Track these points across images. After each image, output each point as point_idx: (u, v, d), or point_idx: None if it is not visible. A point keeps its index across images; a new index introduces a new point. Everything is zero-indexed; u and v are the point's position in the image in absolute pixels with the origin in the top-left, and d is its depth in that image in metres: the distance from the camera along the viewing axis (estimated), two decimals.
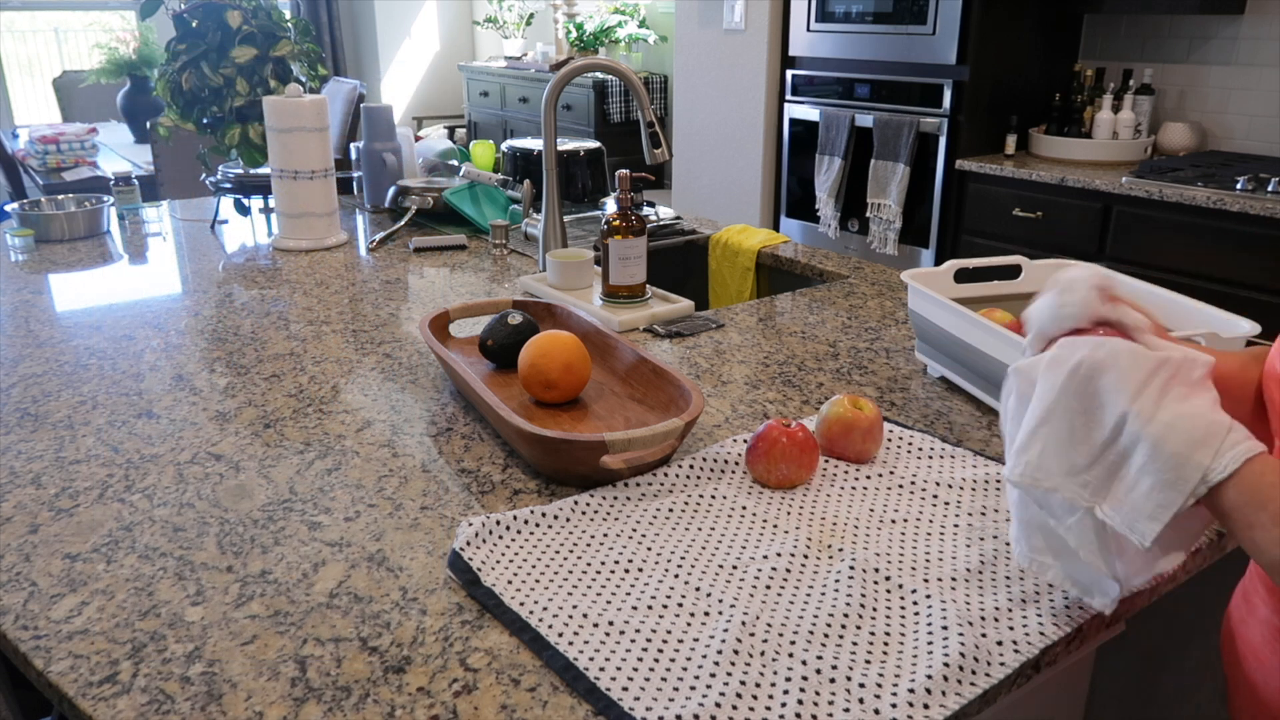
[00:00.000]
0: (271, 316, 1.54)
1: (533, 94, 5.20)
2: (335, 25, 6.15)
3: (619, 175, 1.51)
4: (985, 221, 3.06)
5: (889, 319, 1.52)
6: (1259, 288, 2.48)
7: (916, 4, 3.07)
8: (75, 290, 1.68)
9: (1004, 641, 0.75)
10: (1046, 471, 0.72)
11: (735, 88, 3.75)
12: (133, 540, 0.90)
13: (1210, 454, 0.65)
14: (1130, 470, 0.69)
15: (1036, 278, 1.31)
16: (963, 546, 0.87)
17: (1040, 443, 0.72)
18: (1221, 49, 2.99)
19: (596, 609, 0.79)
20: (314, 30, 4.69)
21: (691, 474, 0.99)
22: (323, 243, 1.96)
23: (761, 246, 1.95)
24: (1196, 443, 0.66)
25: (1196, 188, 2.54)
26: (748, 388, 1.25)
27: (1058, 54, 3.27)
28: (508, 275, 1.77)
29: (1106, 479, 0.70)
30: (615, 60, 1.82)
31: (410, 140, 2.32)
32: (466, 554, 0.85)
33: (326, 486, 1.00)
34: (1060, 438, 0.72)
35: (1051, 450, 0.72)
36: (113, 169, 3.36)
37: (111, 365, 1.33)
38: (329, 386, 1.26)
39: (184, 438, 1.11)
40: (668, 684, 0.70)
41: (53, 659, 0.74)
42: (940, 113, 3.09)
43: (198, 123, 2.12)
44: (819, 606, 0.79)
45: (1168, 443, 0.66)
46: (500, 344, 1.25)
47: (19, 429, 1.14)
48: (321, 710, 0.69)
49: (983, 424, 1.14)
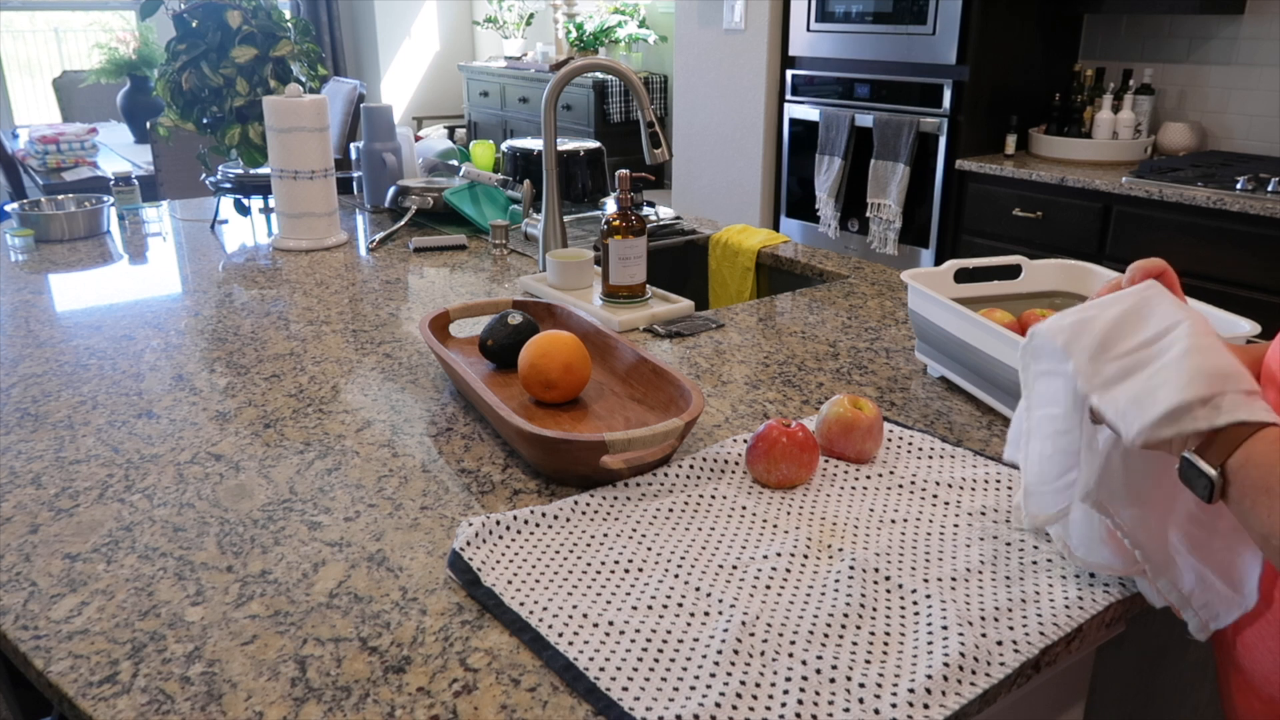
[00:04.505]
0: (271, 316, 1.54)
1: (533, 94, 5.20)
2: (335, 25, 6.15)
3: (619, 175, 1.51)
4: (985, 221, 3.06)
5: (889, 319, 1.52)
6: (1259, 288, 2.48)
7: (916, 4, 3.07)
8: (75, 290, 1.68)
9: (1004, 641, 0.75)
10: (1073, 339, 0.75)
11: (735, 88, 3.75)
12: (133, 540, 0.90)
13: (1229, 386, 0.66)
14: (1152, 366, 0.70)
15: (1036, 278, 1.31)
16: (963, 546, 0.87)
17: (1081, 315, 0.76)
18: (1221, 49, 2.99)
19: (596, 609, 0.79)
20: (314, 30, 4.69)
21: (691, 474, 0.99)
22: (323, 243, 1.96)
23: (761, 246, 1.95)
24: (1223, 374, 0.67)
25: (1196, 188, 2.54)
26: (748, 388, 1.25)
27: (1058, 54, 3.27)
28: (508, 275, 1.77)
29: (1121, 375, 0.72)
30: (615, 60, 1.82)
31: (410, 140, 2.32)
32: (466, 554, 0.85)
33: (326, 486, 1.00)
34: (1103, 322, 0.75)
35: (1089, 328, 0.75)
36: (113, 169, 3.36)
37: (111, 365, 1.33)
38: (329, 386, 1.26)
39: (184, 438, 1.11)
40: (668, 684, 0.70)
41: (53, 659, 0.74)
42: (940, 113, 3.09)
43: (198, 123, 2.12)
44: (819, 606, 0.79)
45: (1202, 355, 0.68)
46: (500, 344, 1.25)
47: (19, 429, 1.14)
48: (321, 710, 0.69)
49: (983, 424, 1.14)
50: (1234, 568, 0.75)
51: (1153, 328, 0.73)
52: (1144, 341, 0.72)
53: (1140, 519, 0.75)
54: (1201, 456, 0.67)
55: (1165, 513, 0.76)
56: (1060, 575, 0.83)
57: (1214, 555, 0.75)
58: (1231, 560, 0.75)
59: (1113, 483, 0.75)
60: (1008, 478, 0.99)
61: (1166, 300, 0.75)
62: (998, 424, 1.14)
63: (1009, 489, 0.97)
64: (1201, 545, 0.75)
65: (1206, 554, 0.76)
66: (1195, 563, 0.76)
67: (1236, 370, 0.67)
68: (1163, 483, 0.75)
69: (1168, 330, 0.71)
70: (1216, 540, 0.75)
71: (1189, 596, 0.76)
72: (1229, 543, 0.75)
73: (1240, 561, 0.75)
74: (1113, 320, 0.74)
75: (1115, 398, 0.71)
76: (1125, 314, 0.74)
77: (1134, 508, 0.75)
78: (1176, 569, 0.76)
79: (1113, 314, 0.75)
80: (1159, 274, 0.80)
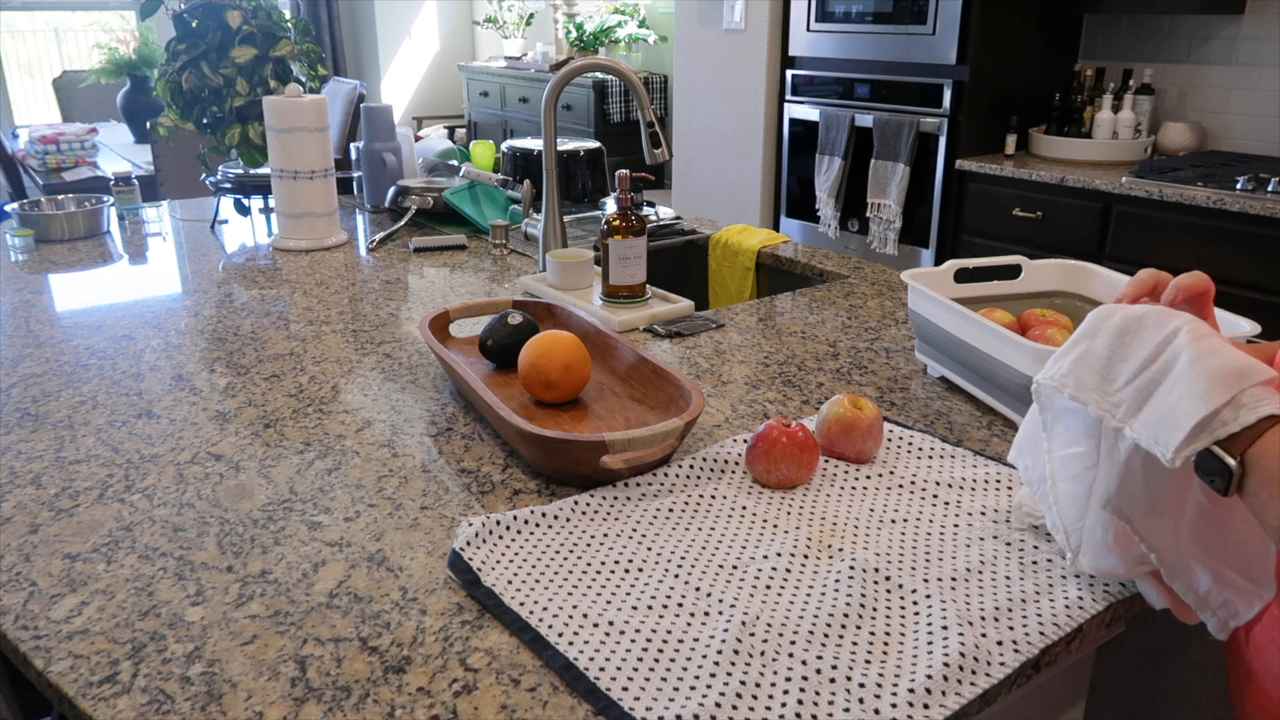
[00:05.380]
0: (271, 316, 1.54)
1: (533, 94, 5.20)
2: (335, 25, 6.15)
3: (619, 175, 1.51)
4: (985, 221, 3.06)
5: (889, 319, 1.52)
6: (1259, 288, 2.48)
7: (916, 4, 3.07)
8: (75, 290, 1.68)
9: (1004, 641, 0.75)
10: (1079, 383, 0.75)
11: (735, 88, 3.75)
12: (133, 540, 0.90)
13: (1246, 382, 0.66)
14: (1166, 383, 0.69)
15: (1036, 278, 1.31)
16: (963, 546, 0.87)
17: (1076, 353, 0.75)
18: (1221, 49, 2.99)
19: (596, 609, 0.79)
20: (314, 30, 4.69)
21: (691, 474, 0.99)
22: (323, 243, 1.96)
23: (761, 246, 1.95)
24: (1237, 372, 0.66)
25: (1196, 188, 2.54)
26: (748, 388, 1.25)
27: (1058, 54, 3.27)
28: (508, 275, 1.77)
29: (1140, 398, 0.71)
30: (615, 60, 1.82)
31: (410, 140, 2.32)
32: (466, 554, 0.85)
33: (326, 486, 1.00)
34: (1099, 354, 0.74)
35: (1087, 364, 0.74)
36: (113, 169, 3.36)
37: (111, 365, 1.33)
38: (329, 386, 1.26)
39: (184, 438, 1.11)
40: (668, 684, 0.70)
41: (53, 659, 0.74)
42: (940, 113, 3.09)
43: (198, 123, 2.12)
44: (819, 606, 0.79)
45: (1210, 357, 0.67)
46: (500, 344, 1.25)
47: (19, 429, 1.14)
48: (321, 710, 0.69)
49: (983, 424, 1.14)
50: (1252, 562, 0.76)
51: (1150, 341, 0.72)
52: (1147, 358, 0.72)
53: (1157, 523, 0.75)
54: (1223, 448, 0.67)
55: (1180, 515, 0.76)
56: (1060, 575, 0.83)
57: (1230, 551, 0.76)
58: (1249, 555, 0.76)
59: (1133, 488, 0.75)
60: (1008, 478, 0.99)
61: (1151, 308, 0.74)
62: (998, 424, 1.14)
63: (1009, 489, 0.97)
64: (1216, 543, 0.76)
65: (1222, 552, 0.76)
66: (1212, 562, 0.76)
67: (1247, 364, 0.67)
68: (1179, 486, 0.75)
69: (1167, 341, 0.71)
70: (1231, 536, 0.75)
71: (1206, 597, 0.77)
72: (1243, 537, 0.75)
73: (1257, 555, 0.75)
74: (1107, 348, 0.74)
75: (1145, 423, 0.70)
76: (1116, 337, 0.74)
77: (1152, 512, 0.75)
78: (1191, 571, 0.76)
79: (1104, 342, 0.75)
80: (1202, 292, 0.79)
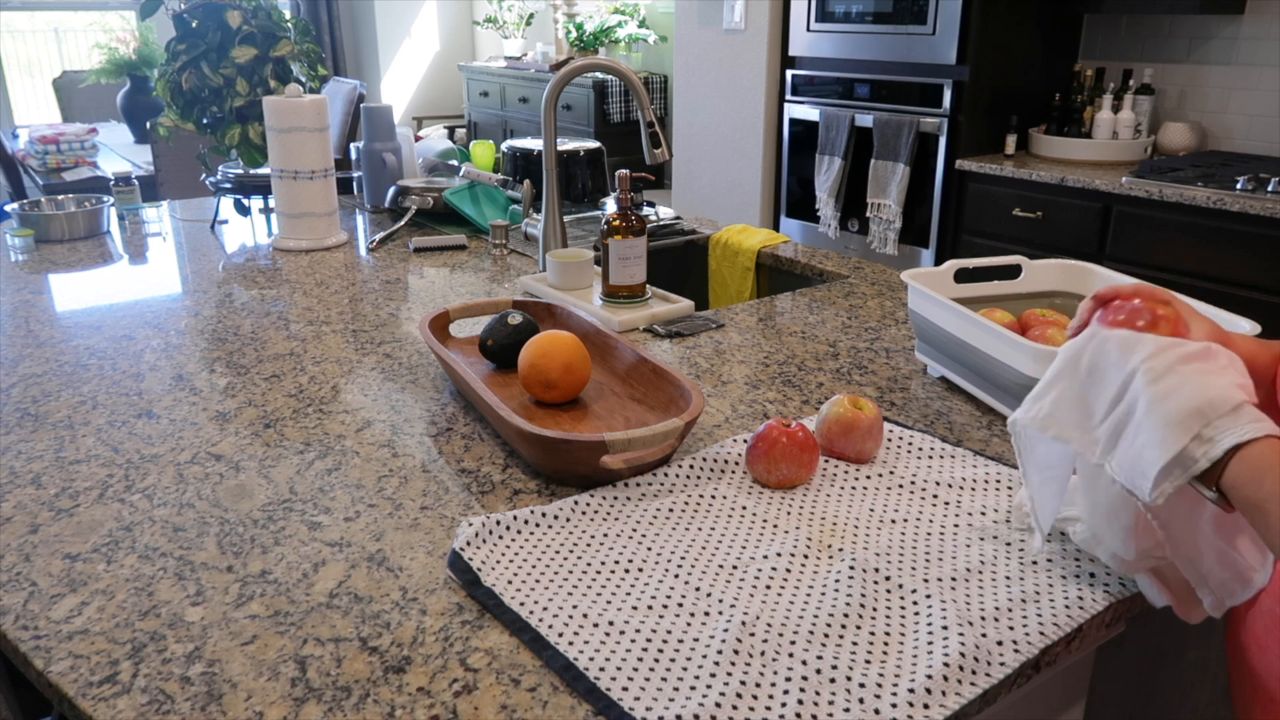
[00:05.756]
0: (271, 316, 1.54)
1: (533, 94, 5.20)
2: (335, 25, 6.15)
3: (619, 175, 1.51)
4: (985, 221, 3.06)
5: (889, 319, 1.53)
6: (1259, 288, 2.47)
7: (916, 4, 3.07)
8: (75, 290, 1.68)
9: (1004, 641, 0.75)
10: (1060, 423, 0.76)
11: (735, 88, 3.75)
12: (133, 540, 0.90)
13: (1201, 424, 0.66)
14: (1130, 427, 0.71)
15: (1036, 278, 1.31)
16: (963, 546, 0.87)
17: (1054, 393, 0.76)
18: (1221, 49, 2.99)
19: (596, 609, 0.79)
20: (314, 30, 4.69)
21: (691, 474, 0.99)
22: (323, 243, 1.96)
23: (761, 246, 1.95)
24: (1193, 411, 0.66)
25: (1196, 188, 2.54)
26: (748, 388, 1.25)
27: (1058, 54, 3.27)
28: (508, 275, 1.77)
29: (1113, 437, 0.72)
30: (615, 60, 1.82)
31: (410, 140, 2.32)
32: (466, 554, 0.85)
33: (326, 486, 1.00)
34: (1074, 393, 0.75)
35: (1064, 403, 0.76)
36: (113, 169, 3.36)
37: (111, 365, 1.33)
38: (329, 386, 1.26)
39: (184, 438, 1.11)
40: (668, 684, 0.70)
41: (53, 659, 0.74)
42: (940, 113, 3.09)
43: (198, 123, 2.12)
44: (819, 606, 0.79)
45: (1166, 402, 0.68)
46: (500, 344, 1.25)
47: (19, 429, 1.14)
48: (321, 710, 0.69)
49: (983, 424, 1.14)
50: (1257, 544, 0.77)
51: (1111, 383, 0.73)
52: (1112, 399, 0.73)
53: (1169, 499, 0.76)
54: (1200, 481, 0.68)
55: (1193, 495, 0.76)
56: (1060, 575, 0.83)
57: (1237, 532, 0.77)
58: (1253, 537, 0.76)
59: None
60: (1008, 478, 0.99)
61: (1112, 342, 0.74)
62: (998, 424, 1.14)
63: (1009, 489, 0.97)
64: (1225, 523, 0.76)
65: (1231, 531, 0.77)
66: (1219, 542, 0.76)
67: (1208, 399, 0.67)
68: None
69: (1125, 385, 0.72)
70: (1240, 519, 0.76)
71: (1206, 575, 0.77)
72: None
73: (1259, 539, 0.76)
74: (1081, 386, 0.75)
75: (1120, 465, 0.72)
76: (1087, 374, 0.75)
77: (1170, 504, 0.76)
78: (1198, 548, 0.77)
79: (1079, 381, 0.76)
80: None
